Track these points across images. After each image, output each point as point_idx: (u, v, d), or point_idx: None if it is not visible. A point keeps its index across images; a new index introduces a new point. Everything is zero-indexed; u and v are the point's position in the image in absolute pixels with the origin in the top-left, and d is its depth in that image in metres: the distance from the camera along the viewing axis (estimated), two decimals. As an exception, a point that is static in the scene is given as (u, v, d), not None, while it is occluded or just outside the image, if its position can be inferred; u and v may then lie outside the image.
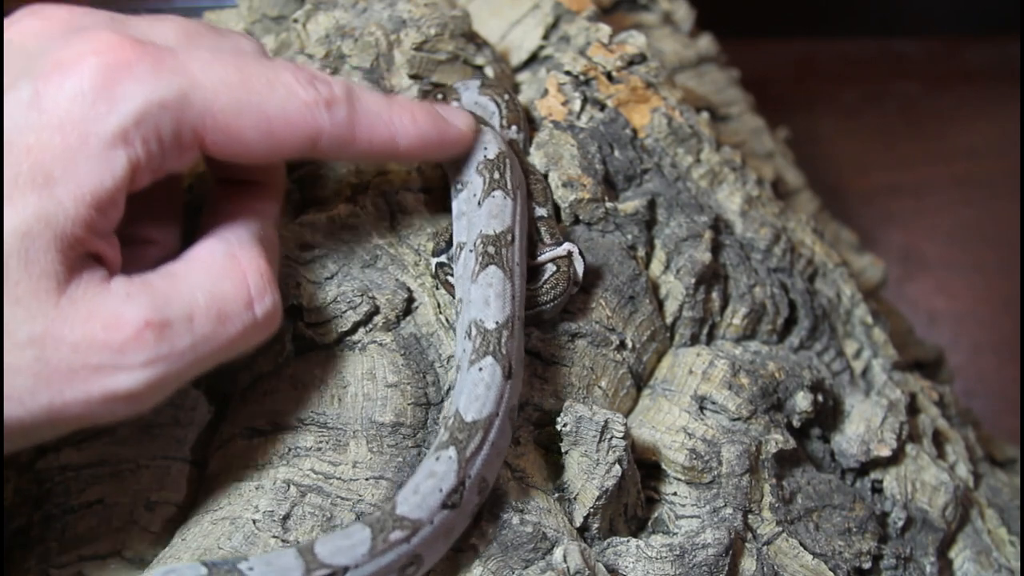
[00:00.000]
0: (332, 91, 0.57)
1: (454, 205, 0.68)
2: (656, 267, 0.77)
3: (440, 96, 0.75)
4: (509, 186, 0.65)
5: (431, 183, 0.75)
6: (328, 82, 0.57)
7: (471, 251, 0.62)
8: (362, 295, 0.68)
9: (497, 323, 0.59)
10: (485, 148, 0.67)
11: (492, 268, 0.61)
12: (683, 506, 0.69)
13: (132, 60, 0.50)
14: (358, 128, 0.57)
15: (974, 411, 1.00)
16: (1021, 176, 1.46)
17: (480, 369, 0.58)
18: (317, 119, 0.55)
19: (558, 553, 0.59)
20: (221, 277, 0.54)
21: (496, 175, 0.65)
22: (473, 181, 0.66)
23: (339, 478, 0.62)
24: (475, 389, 0.58)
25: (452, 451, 0.56)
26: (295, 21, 0.82)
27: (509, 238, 0.63)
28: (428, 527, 0.55)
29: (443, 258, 0.68)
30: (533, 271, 0.69)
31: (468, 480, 0.56)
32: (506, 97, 0.76)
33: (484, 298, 0.59)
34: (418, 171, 0.75)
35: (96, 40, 0.50)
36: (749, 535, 0.68)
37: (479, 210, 0.64)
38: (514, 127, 0.75)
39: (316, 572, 0.52)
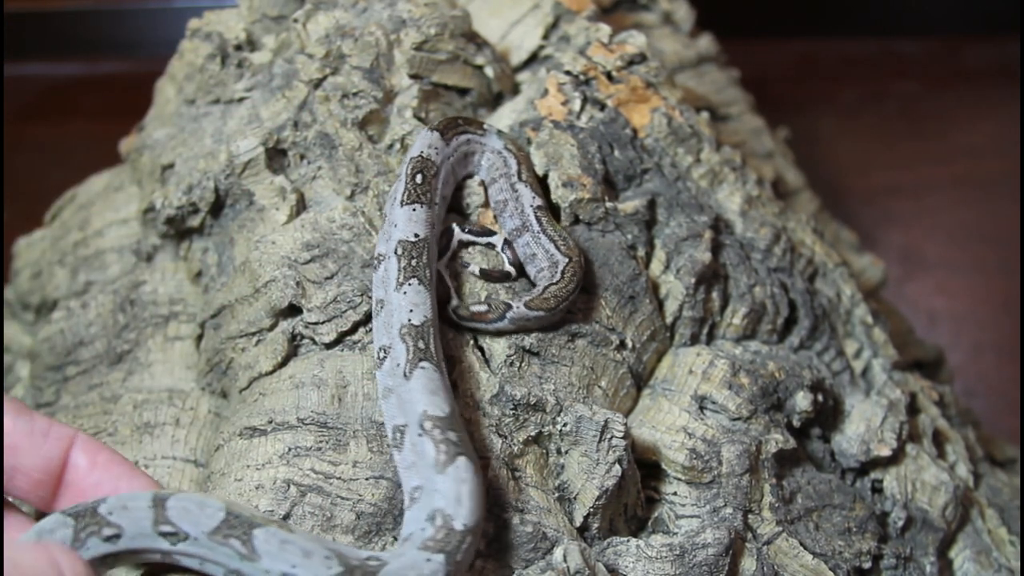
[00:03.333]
0: None
1: (378, 376, 0.63)
2: (656, 267, 0.77)
3: (471, 127, 0.74)
4: (436, 357, 0.62)
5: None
6: None
7: (421, 435, 0.58)
8: (362, 295, 0.68)
9: (466, 526, 0.56)
10: (411, 311, 0.63)
11: (462, 459, 0.57)
12: (683, 506, 0.69)
13: None
14: None
15: (974, 411, 1.00)
16: (1021, 176, 1.46)
17: (428, 560, 0.55)
18: None
19: (558, 553, 0.59)
20: None
21: (421, 344, 0.61)
22: (395, 347, 0.62)
23: (339, 478, 0.62)
24: None
25: None
26: (295, 21, 0.82)
27: (455, 419, 0.60)
28: None
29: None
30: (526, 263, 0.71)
31: None
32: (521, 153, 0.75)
33: (457, 495, 0.56)
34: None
35: None
36: (749, 535, 0.68)
37: (407, 384, 0.60)
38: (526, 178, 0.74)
39: (161, 527, 0.53)
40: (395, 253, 0.65)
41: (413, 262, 0.64)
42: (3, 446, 0.56)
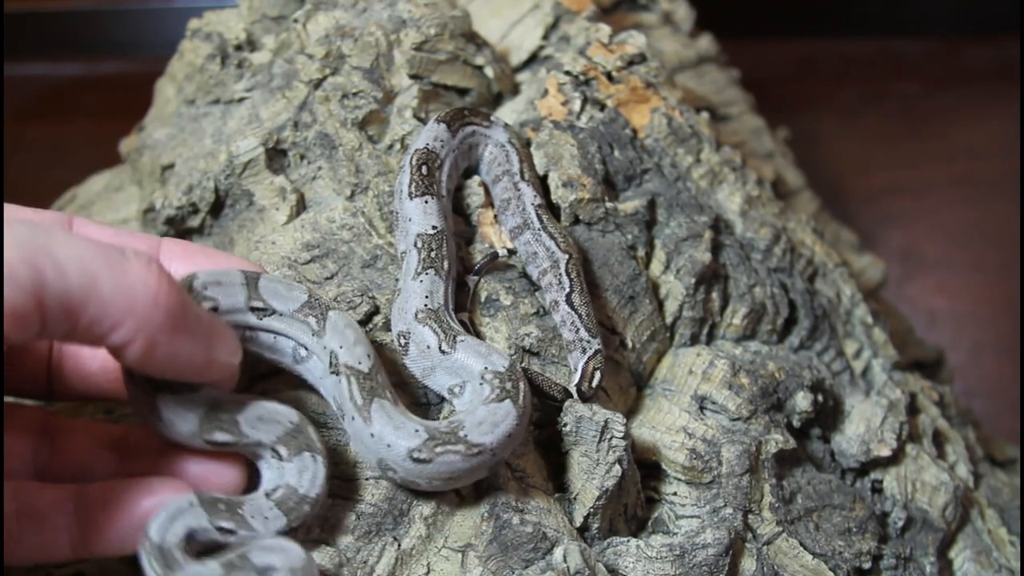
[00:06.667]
0: None
1: (407, 363, 0.64)
2: (656, 267, 0.77)
3: (477, 119, 0.74)
4: (457, 329, 0.64)
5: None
6: None
7: (482, 384, 0.61)
8: (362, 295, 0.68)
9: (481, 444, 0.58)
10: (426, 297, 0.65)
11: (508, 403, 0.59)
12: (683, 506, 0.69)
13: None
14: None
15: (974, 411, 1.00)
16: (1021, 176, 1.46)
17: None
18: None
19: (558, 553, 0.59)
20: None
21: (445, 324, 0.63)
22: (415, 331, 0.64)
23: (339, 478, 0.62)
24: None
25: None
26: (295, 21, 0.82)
27: (515, 369, 0.61)
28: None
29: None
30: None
31: None
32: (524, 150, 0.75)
33: (482, 420, 0.58)
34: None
35: None
36: (749, 535, 0.68)
37: (453, 355, 0.62)
38: (528, 177, 0.74)
39: (253, 302, 0.59)
40: (415, 247, 0.66)
41: (432, 254, 0.66)
42: (3, 458, 0.56)
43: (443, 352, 0.62)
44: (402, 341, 0.64)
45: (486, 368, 0.61)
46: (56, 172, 1.09)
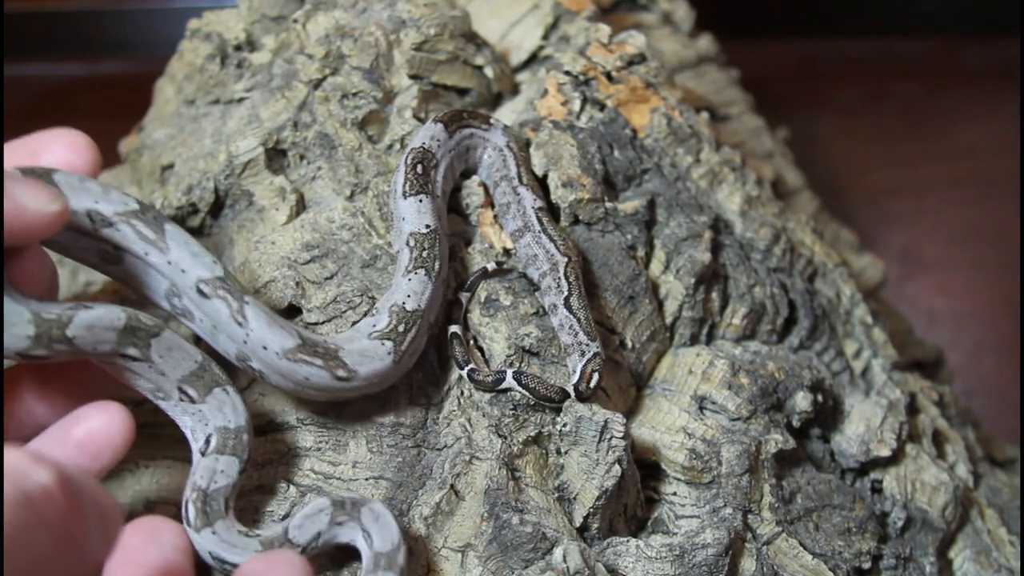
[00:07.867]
0: None
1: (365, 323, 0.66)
2: (656, 267, 0.77)
3: (475, 121, 0.74)
4: (407, 349, 0.64)
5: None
6: None
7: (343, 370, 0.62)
8: (362, 295, 0.68)
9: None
10: (408, 296, 0.65)
11: (317, 368, 0.60)
12: (683, 506, 0.69)
13: None
14: None
15: (974, 411, 1.00)
16: (1021, 176, 1.46)
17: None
18: None
19: (558, 553, 0.59)
20: None
21: (401, 328, 0.63)
22: (381, 316, 0.64)
23: (339, 478, 0.62)
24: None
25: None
26: (295, 21, 0.82)
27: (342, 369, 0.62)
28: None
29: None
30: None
31: None
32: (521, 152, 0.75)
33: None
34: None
35: None
36: (749, 535, 0.68)
37: (370, 343, 0.63)
38: (525, 178, 0.74)
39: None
40: (407, 245, 0.67)
41: (424, 253, 0.66)
42: (3, 466, 0.56)
43: (369, 336, 0.63)
44: (373, 312, 0.66)
45: (355, 367, 0.61)
46: (56, 172, 1.09)
